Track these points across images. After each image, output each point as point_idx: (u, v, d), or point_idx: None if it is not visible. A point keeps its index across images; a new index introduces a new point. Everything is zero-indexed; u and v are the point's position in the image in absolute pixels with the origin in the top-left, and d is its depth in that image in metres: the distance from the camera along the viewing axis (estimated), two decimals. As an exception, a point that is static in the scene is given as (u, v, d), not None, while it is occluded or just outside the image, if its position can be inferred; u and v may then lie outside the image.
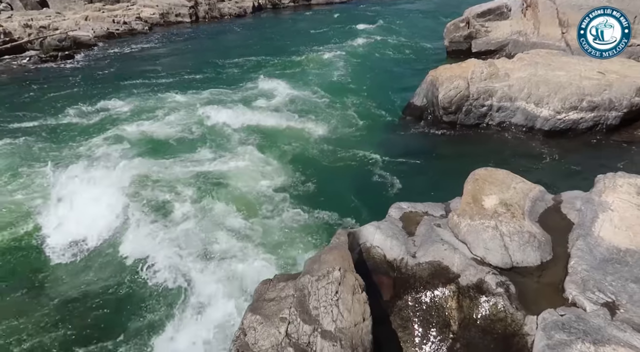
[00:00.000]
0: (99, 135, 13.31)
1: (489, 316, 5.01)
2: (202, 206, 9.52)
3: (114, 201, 9.61)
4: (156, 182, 10.34)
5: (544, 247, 5.84)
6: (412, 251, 6.03)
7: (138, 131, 13.48)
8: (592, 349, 4.14)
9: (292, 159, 11.56)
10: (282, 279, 5.22)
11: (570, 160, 10.62)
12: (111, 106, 15.82)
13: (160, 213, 9.37)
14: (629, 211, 6.14)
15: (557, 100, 11.60)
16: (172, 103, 15.89)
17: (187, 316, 6.91)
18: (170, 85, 18.39)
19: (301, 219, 8.96)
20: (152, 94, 17.23)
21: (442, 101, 12.36)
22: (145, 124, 13.99)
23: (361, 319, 4.53)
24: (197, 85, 18.16)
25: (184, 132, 13.43)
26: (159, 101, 16.15)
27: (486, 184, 6.83)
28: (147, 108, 15.45)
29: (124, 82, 19.09)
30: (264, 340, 4.34)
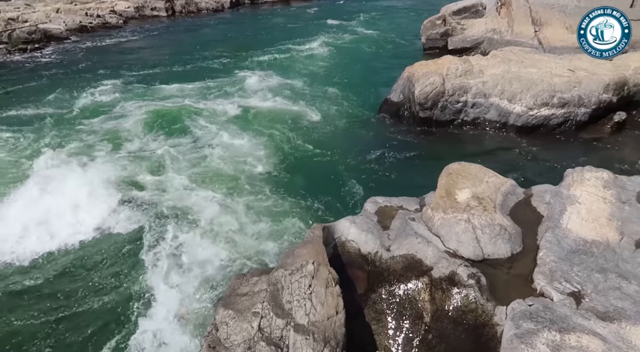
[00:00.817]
0: (71, 128, 12.97)
1: (460, 308, 5.09)
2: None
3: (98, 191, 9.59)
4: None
5: (514, 240, 5.96)
6: (387, 244, 6.07)
7: (113, 124, 13.22)
8: (558, 337, 4.25)
9: (269, 155, 11.50)
10: (256, 273, 5.18)
11: (541, 155, 10.87)
12: (84, 100, 15.45)
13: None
14: (595, 203, 6.33)
15: (529, 96, 11.85)
16: (147, 96, 15.61)
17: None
18: (146, 79, 18.08)
19: (277, 214, 8.92)
20: (128, 86, 16.91)
21: (418, 97, 12.47)
22: (120, 117, 13.71)
23: (334, 312, 4.54)
24: (173, 79, 17.89)
25: (158, 127, 13.21)
26: (135, 94, 15.85)
27: (459, 178, 6.92)
28: (122, 101, 15.15)
29: (98, 76, 18.65)
30: (236, 335, 4.30)
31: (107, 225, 8.91)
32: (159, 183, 10.27)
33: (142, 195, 9.78)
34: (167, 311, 6.86)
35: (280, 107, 14.72)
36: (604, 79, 11.67)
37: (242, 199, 9.52)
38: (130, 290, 7.42)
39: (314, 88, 16.47)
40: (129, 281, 7.61)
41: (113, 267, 7.95)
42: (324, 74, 18.29)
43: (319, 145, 12.04)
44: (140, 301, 7.19)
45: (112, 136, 12.57)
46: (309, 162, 11.17)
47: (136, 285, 7.51)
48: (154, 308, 6.97)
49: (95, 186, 9.77)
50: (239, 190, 9.87)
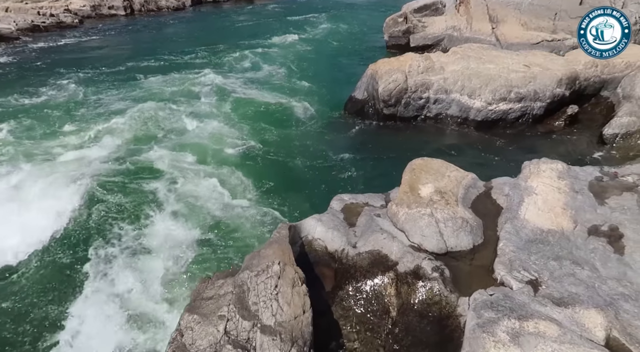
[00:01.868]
0: (19, 130, 12.42)
1: (425, 300, 5.19)
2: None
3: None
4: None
5: (475, 232, 6.12)
6: (353, 241, 6.12)
7: (66, 127, 12.72)
8: (517, 324, 4.41)
9: (230, 156, 11.36)
10: (221, 276, 5.11)
11: (501, 148, 11.23)
12: (37, 101, 14.79)
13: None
14: (550, 194, 6.59)
15: (488, 92, 12.20)
16: (103, 97, 15.10)
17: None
18: (103, 79, 17.48)
19: (242, 214, 8.83)
20: (83, 87, 16.32)
21: (382, 94, 12.61)
22: (76, 119, 13.21)
23: (301, 312, 4.54)
24: (131, 79, 17.38)
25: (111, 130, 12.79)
26: (89, 94, 15.32)
27: (422, 173, 7.05)
28: (75, 102, 14.59)
29: (51, 77, 17.87)
30: (201, 339, 4.23)
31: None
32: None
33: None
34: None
35: (242, 106, 14.55)
36: (557, 74, 12.16)
37: (205, 202, 9.35)
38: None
39: (278, 86, 16.37)
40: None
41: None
42: (287, 72, 18.20)
43: (284, 144, 11.99)
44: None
45: (58, 142, 12.03)
46: (274, 162, 11.10)
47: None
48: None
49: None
50: (200, 193, 9.67)
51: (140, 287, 7.28)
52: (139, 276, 7.49)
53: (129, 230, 8.57)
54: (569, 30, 17.70)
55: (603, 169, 7.62)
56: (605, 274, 5.19)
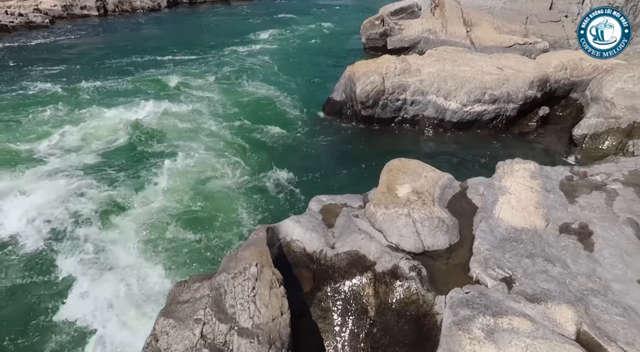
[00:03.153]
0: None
1: (403, 300, 5.23)
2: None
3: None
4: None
5: (452, 231, 6.21)
6: (332, 242, 6.12)
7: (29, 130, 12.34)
8: (492, 321, 4.48)
9: (208, 156, 11.24)
10: (198, 279, 5.04)
11: (476, 149, 11.44)
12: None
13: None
14: (524, 193, 6.74)
15: (463, 93, 12.43)
16: (71, 100, 14.73)
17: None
18: (73, 81, 17.00)
19: (218, 216, 8.74)
20: (51, 89, 15.85)
21: (359, 96, 12.69)
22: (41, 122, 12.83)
23: (279, 313, 4.51)
24: (103, 80, 17.01)
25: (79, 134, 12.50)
26: (57, 97, 14.89)
27: (400, 173, 7.12)
28: (46, 103, 14.19)
29: (19, 78, 17.31)
30: (177, 344, 4.16)
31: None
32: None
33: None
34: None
35: (216, 107, 14.43)
36: (528, 76, 12.48)
37: (180, 205, 9.23)
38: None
39: (254, 87, 16.28)
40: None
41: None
42: (264, 73, 18.14)
43: (261, 146, 11.93)
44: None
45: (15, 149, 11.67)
46: (250, 164, 11.03)
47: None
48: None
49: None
50: (179, 198, 9.52)
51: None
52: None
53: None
54: (540, 34, 18.22)
55: (573, 169, 7.86)
56: (576, 270, 5.33)
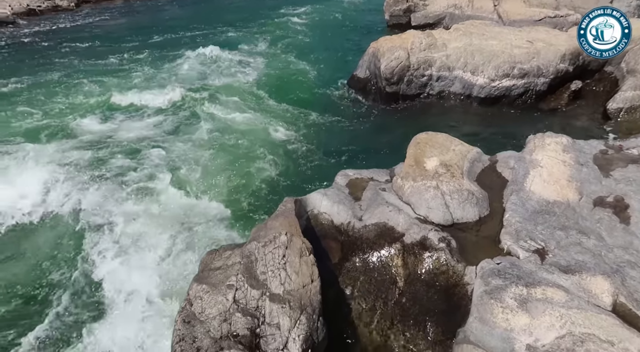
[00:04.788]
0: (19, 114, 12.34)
1: (432, 270, 5.22)
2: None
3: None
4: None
5: (481, 204, 6.13)
6: (359, 214, 6.12)
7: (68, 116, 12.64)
8: (524, 291, 4.43)
9: (235, 132, 11.32)
10: (228, 248, 5.12)
11: (504, 124, 11.17)
12: (35, 82, 14.67)
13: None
14: (556, 166, 6.58)
15: (491, 68, 12.07)
16: (105, 80, 14.97)
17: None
18: (104, 63, 17.26)
19: (248, 191, 8.86)
20: (82, 71, 16.13)
21: (384, 72, 12.48)
22: (78, 106, 13.13)
23: (309, 281, 4.55)
24: (131, 61, 17.21)
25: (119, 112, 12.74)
26: (91, 80, 15.15)
27: (427, 147, 7.02)
28: (77, 87, 14.48)
29: (52, 62, 17.63)
30: (211, 308, 4.26)
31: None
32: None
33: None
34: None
35: (244, 84, 14.48)
36: (560, 49, 12.01)
37: (212, 176, 9.37)
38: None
39: (280, 66, 16.23)
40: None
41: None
42: (289, 52, 18.01)
43: (288, 122, 11.93)
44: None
45: (64, 128, 12.00)
46: (277, 139, 11.06)
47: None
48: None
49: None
50: (209, 169, 9.69)
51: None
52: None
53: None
54: (572, 6, 17.45)
55: (608, 142, 7.59)
56: (612, 243, 5.20)
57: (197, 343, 3.98)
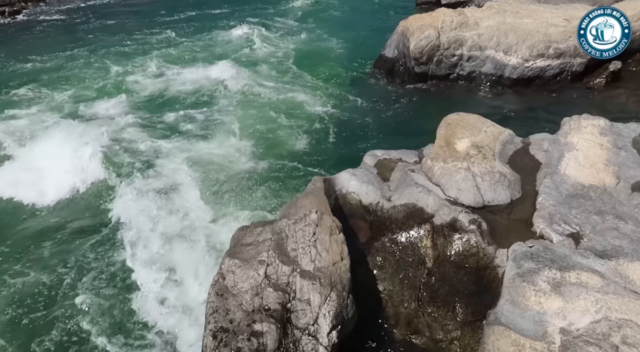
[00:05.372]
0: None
1: (462, 252, 5.18)
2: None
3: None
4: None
5: (513, 186, 6.02)
6: (388, 195, 6.10)
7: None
8: (558, 275, 4.36)
9: (262, 110, 11.42)
10: (259, 225, 5.20)
11: (538, 106, 10.84)
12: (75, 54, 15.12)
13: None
14: (592, 149, 6.37)
15: (525, 48, 11.67)
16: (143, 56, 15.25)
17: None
18: (137, 39, 17.50)
19: (276, 168, 8.96)
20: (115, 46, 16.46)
21: (413, 52, 12.22)
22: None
23: (339, 258, 4.59)
24: (171, 40, 17.37)
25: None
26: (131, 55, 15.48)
27: (458, 128, 6.90)
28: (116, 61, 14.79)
29: (92, 38, 17.92)
30: (243, 282, 4.36)
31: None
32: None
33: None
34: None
35: (273, 60, 14.61)
36: (600, 28, 11.49)
37: (243, 154, 9.52)
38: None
39: (309, 43, 16.18)
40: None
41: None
42: (317, 29, 17.89)
43: (315, 100, 11.89)
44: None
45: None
46: (304, 117, 11.07)
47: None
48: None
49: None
50: (235, 147, 9.82)
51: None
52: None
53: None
54: (614, -18, 16.59)
55: (649, 126, 7.30)
56: (651, 228, 5.05)
57: (230, 315, 4.09)
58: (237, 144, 9.94)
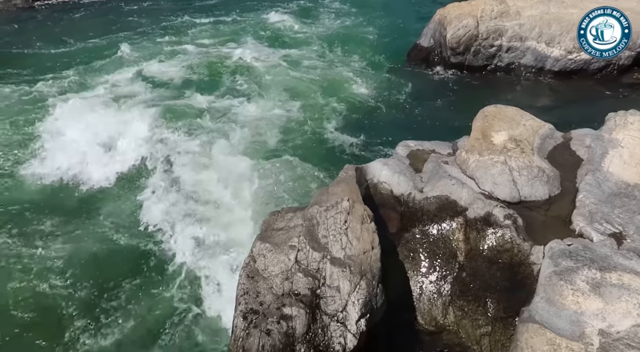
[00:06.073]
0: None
1: (495, 247, 5.06)
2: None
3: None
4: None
5: (552, 182, 5.81)
6: (420, 186, 6.00)
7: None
8: (598, 275, 4.21)
9: (296, 98, 11.42)
10: (290, 210, 5.22)
11: (580, 100, 10.43)
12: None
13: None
14: (638, 147, 6.07)
15: (568, 39, 11.20)
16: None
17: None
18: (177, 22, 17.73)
19: (308, 156, 8.99)
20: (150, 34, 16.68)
21: (450, 41, 11.93)
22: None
23: (370, 247, 4.57)
24: (208, 25, 17.53)
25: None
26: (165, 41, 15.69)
27: (495, 120, 6.70)
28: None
29: (130, 20, 18.09)
30: (273, 266, 4.39)
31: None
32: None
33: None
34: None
35: (309, 45, 14.65)
36: (652, 19, 10.87)
37: (276, 139, 9.65)
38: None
39: (345, 29, 16.04)
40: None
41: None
42: (350, 17, 17.70)
43: (348, 88, 11.82)
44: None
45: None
46: (337, 104, 11.03)
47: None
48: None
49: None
50: (275, 134, 9.96)
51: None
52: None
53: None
54: (669, -28, 15.64)
55: (702, 124, 6.90)
56: (700, 232, 4.79)
57: (260, 298, 4.14)
58: (263, 126, 10.14)
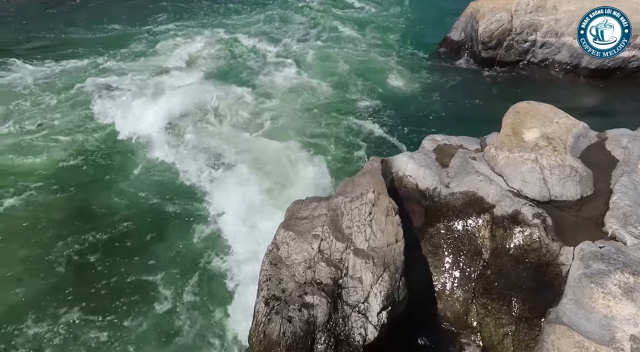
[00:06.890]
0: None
1: (522, 246, 4.94)
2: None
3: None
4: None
5: (585, 182, 5.63)
6: (446, 181, 5.91)
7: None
8: (631, 279, 4.06)
9: (326, 89, 11.44)
10: (315, 200, 5.20)
11: (617, 99, 10.03)
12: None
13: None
14: (679, 149, 5.83)
15: (608, 36, 10.76)
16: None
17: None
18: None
19: (335, 146, 8.98)
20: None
21: (481, 35, 11.64)
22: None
23: (394, 240, 4.52)
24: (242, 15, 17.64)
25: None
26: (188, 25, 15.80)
27: (527, 117, 6.52)
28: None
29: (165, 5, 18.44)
30: (296, 254, 4.40)
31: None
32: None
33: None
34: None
35: (339, 37, 14.64)
36: (699, 17, 10.35)
37: (302, 128, 9.69)
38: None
39: (368, 26, 15.79)
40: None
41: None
42: (382, 4, 17.50)
43: (376, 80, 11.70)
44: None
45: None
46: (365, 96, 10.96)
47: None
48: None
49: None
50: (303, 118, 10.07)
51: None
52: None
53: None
54: None
55: None
56: None
57: (283, 285, 4.15)
58: (296, 114, 10.23)
